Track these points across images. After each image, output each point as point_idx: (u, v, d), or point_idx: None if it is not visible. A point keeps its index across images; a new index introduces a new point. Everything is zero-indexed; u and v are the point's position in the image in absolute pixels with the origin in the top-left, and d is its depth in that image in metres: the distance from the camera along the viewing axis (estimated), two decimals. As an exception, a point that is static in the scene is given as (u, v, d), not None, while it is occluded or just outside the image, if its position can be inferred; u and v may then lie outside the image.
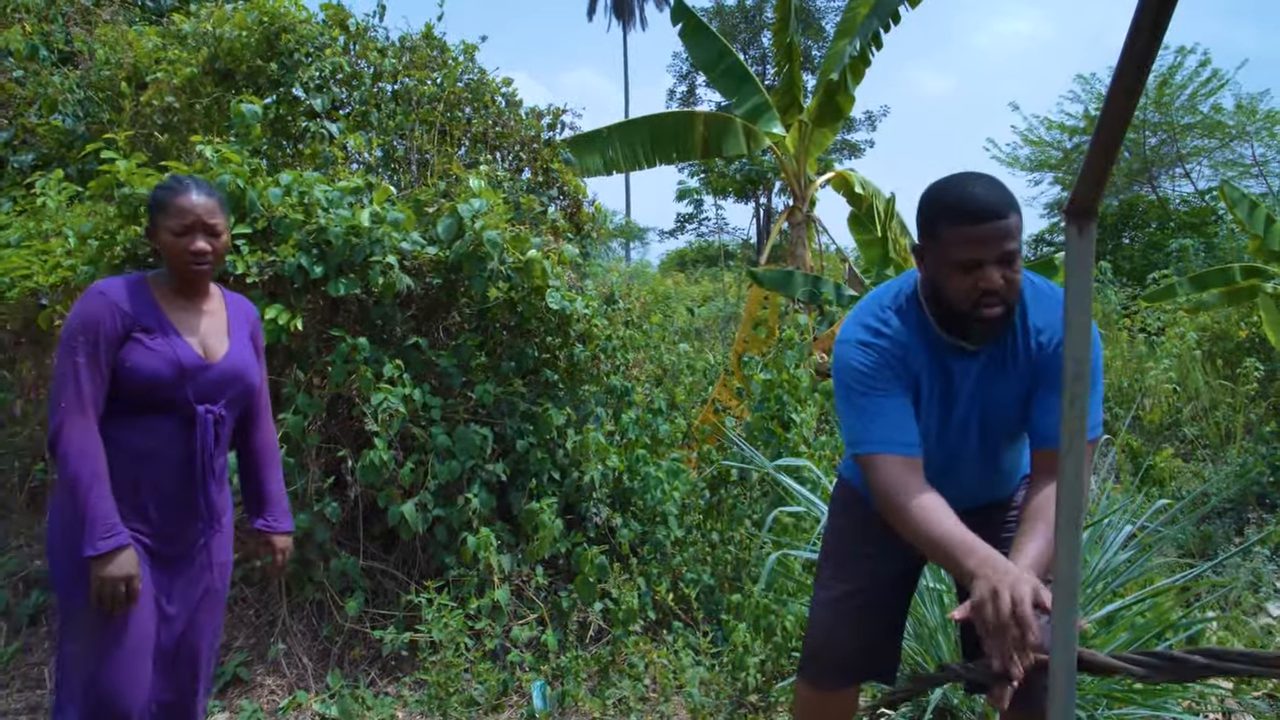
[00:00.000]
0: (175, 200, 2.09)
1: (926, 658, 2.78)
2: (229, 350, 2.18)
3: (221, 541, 2.25)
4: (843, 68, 6.62)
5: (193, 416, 2.08)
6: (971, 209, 1.70)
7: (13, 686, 3.45)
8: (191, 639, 2.18)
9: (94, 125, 4.97)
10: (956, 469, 2.00)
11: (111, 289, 2.05)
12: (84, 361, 1.97)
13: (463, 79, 4.66)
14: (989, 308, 1.72)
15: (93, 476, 1.93)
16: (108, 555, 1.93)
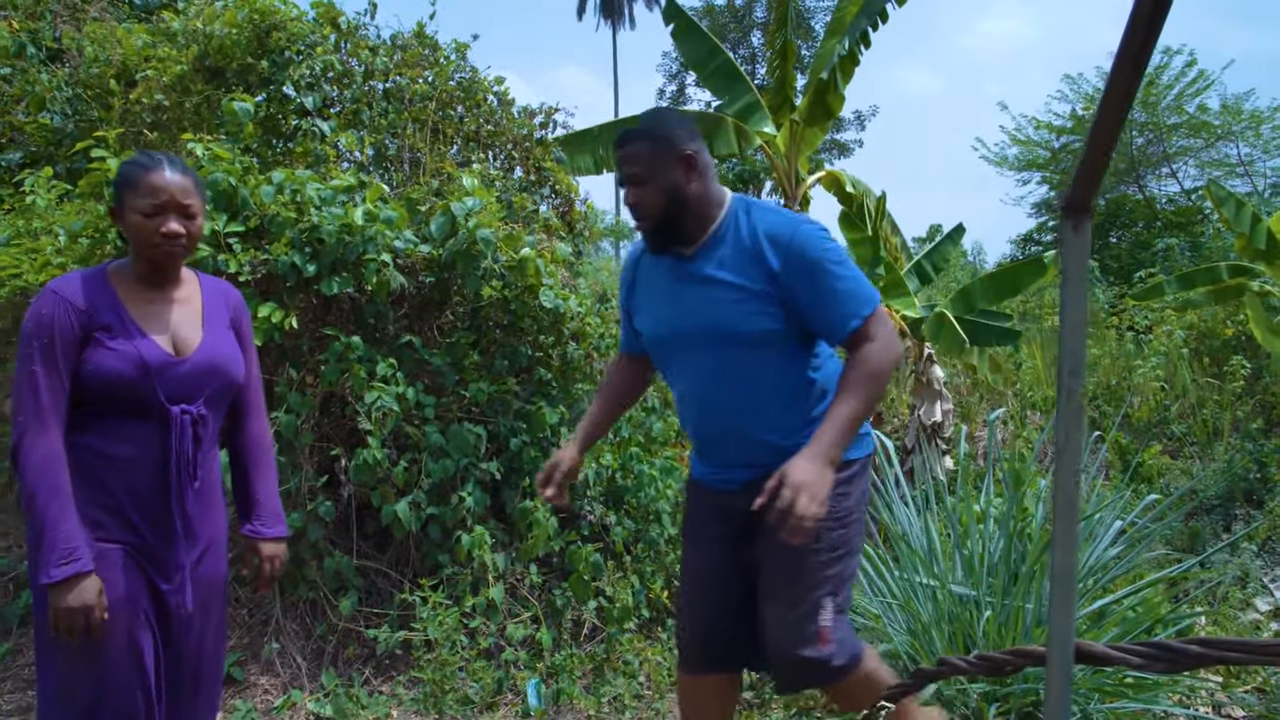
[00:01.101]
0: (147, 177, 1.90)
1: (922, 653, 2.80)
2: (203, 342, 1.99)
3: (215, 550, 2.07)
4: (832, 67, 6.64)
5: (168, 418, 1.91)
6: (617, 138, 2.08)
7: (3, 688, 3.43)
8: (189, 656, 2.01)
9: (82, 123, 4.94)
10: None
11: (65, 286, 1.89)
12: (40, 369, 1.82)
13: (454, 78, 4.65)
14: (637, 220, 2.09)
15: (50, 492, 1.77)
16: (64, 584, 1.75)
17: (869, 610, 3.10)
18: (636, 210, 2.07)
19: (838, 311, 1.96)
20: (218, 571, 2.08)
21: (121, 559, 1.88)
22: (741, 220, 2.07)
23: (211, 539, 2.06)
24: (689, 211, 2.06)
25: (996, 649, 2.77)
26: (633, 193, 2.05)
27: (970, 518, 3.12)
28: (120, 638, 1.87)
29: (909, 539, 3.06)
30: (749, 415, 2.06)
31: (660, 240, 2.10)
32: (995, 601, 2.83)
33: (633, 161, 2.03)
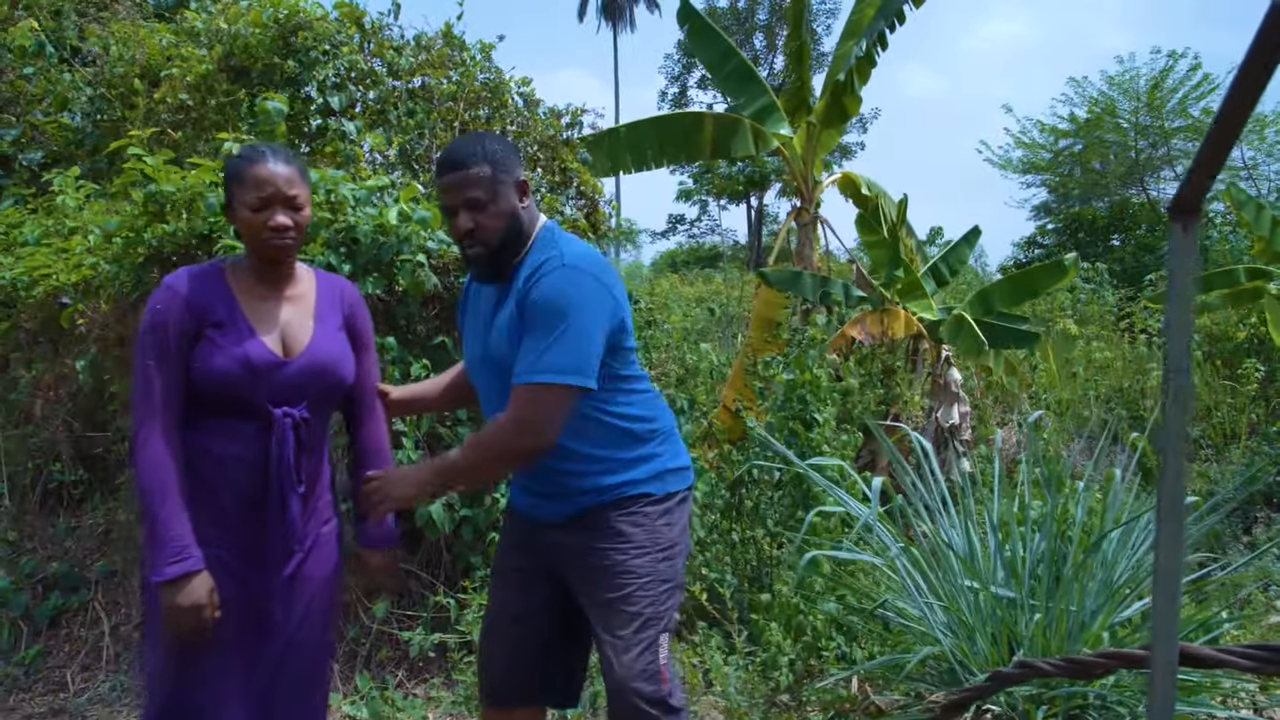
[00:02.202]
0: (252, 170, 1.86)
1: (968, 656, 2.78)
2: (311, 342, 1.93)
3: (320, 555, 2.00)
4: (849, 68, 6.64)
5: (271, 420, 1.87)
6: (439, 162, 1.98)
7: (35, 690, 3.42)
8: (290, 659, 1.94)
9: (104, 123, 4.93)
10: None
11: (180, 281, 1.87)
12: (154, 364, 1.81)
13: (479, 78, 4.64)
14: (470, 248, 1.96)
15: (163, 490, 1.76)
16: (176, 582, 1.73)
17: (906, 612, 3.08)
18: (474, 236, 1.93)
19: (519, 363, 1.85)
20: (323, 575, 2.01)
21: (222, 559, 1.85)
22: (536, 252, 1.98)
23: (316, 543, 2.00)
24: (521, 237, 1.98)
25: (1043, 652, 2.76)
26: (470, 218, 1.92)
27: (1011, 520, 3.10)
28: (220, 638, 1.84)
29: (950, 541, 3.05)
30: (555, 451, 1.93)
31: (493, 268, 1.97)
32: (1039, 604, 2.82)
33: (473, 185, 1.90)
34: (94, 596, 3.74)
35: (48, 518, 4.21)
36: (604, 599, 1.97)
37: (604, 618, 1.97)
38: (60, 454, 3.93)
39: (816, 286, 6.36)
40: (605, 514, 1.99)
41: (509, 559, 2.18)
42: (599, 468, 2.00)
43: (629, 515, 2.00)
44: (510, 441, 1.84)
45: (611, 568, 1.96)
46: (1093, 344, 8.73)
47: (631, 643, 1.92)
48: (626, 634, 1.93)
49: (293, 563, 1.94)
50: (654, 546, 2.01)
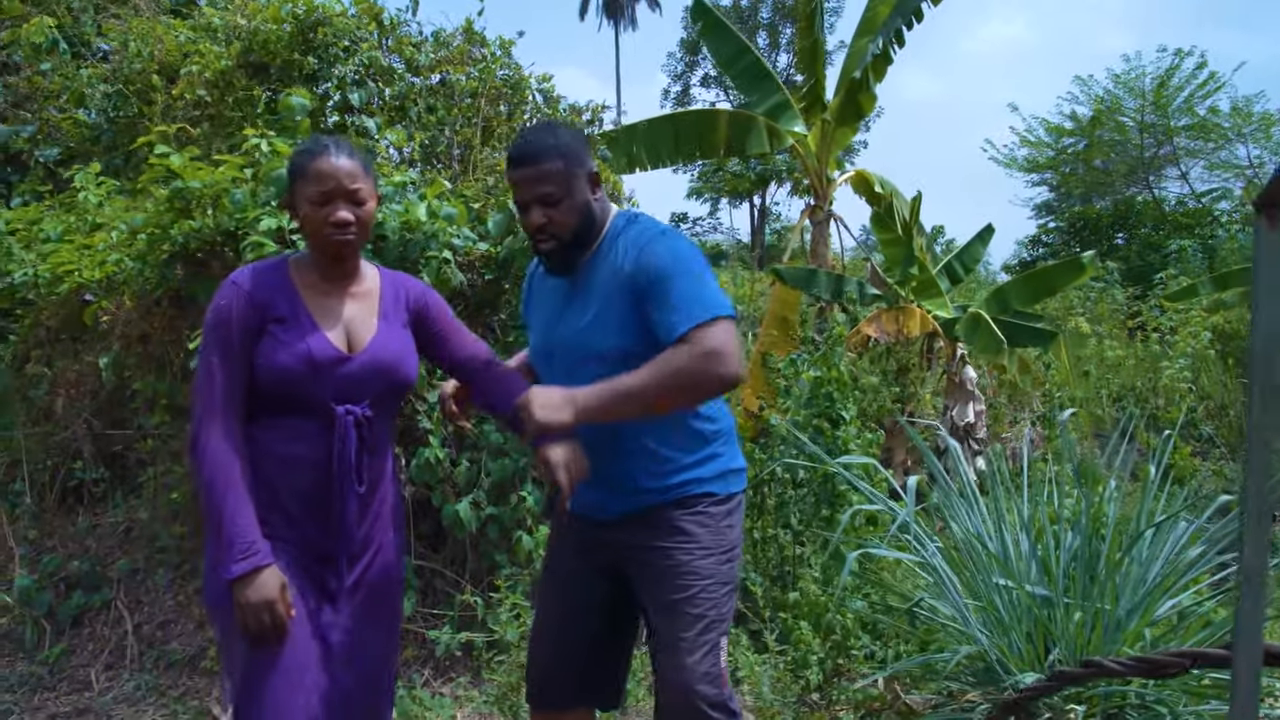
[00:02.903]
0: (313, 164, 1.82)
1: (1008, 656, 2.76)
2: (374, 339, 1.90)
3: (383, 553, 1.97)
4: (865, 66, 6.62)
5: (333, 418, 1.83)
6: (511, 155, 1.95)
7: (60, 689, 3.40)
8: (354, 661, 1.89)
9: (121, 119, 4.91)
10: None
11: (244, 277, 1.84)
12: (217, 360, 1.78)
13: (498, 74, 4.62)
14: (542, 243, 1.94)
15: (226, 485, 1.72)
16: (245, 578, 1.70)
17: (939, 610, 3.06)
18: (546, 230, 1.92)
19: (670, 317, 1.81)
20: (386, 577, 1.97)
21: (285, 558, 1.81)
22: (620, 237, 1.97)
23: (380, 544, 1.96)
24: (594, 230, 1.97)
25: (1079, 651, 2.74)
26: (543, 213, 1.90)
27: (1044, 517, 3.09)
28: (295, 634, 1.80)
29: (983, 539, 3.03)
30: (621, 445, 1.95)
31: (565, 261, 1.97)
32: (1074, 603, 2.80)
33: (546, 180, 1.89)
34: (116, 595, 3.72)
35: (67, 516, 4.19)
36: (668, 600, 1.92)
37: (667, 619, 1.92)
38: (81, 452, 3.90)
39: (832, 284, 6.34)
40: (668, 512, 1.96)
41: (563, 561, 2.15)
42: (668, 466, 1.97)
43: (694, 515, 1.97)
44: (708, 368, 1.75)
45: (676, 568, 1.93)
46: (1105, 343, 8.72)
47: (695, 645, 1.88)
48: (690, 636, 1.89)
49: (356, 568, 1.90)
50: (717, 548, 1.98)
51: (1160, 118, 17.02)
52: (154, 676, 3.41)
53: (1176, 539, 3.12)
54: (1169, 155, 18.05)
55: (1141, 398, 8.13)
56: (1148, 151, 17.90)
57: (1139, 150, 17.87)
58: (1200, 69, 16.36)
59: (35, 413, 4.08)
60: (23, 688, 3.37)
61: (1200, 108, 16.73)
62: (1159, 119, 17.07)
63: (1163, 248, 15.48)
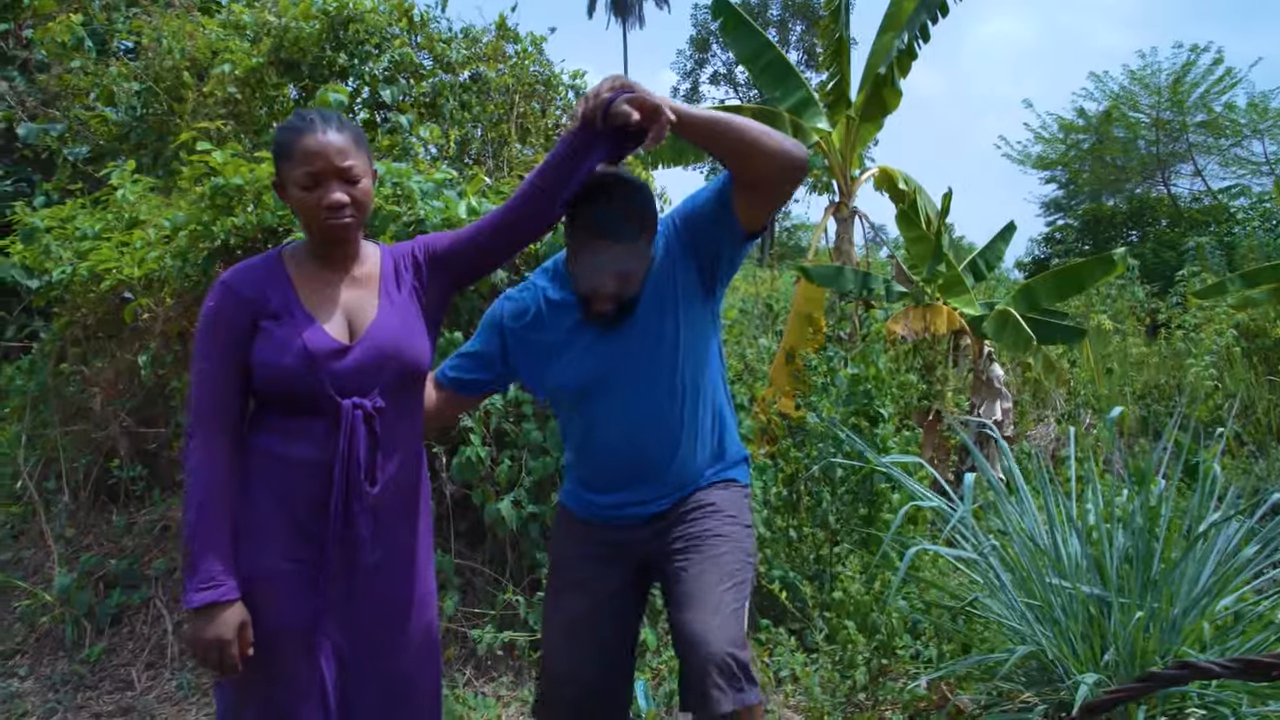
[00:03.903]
0: (299, 142, 1.65)
1: (1068, 657, 2.73)
2: (374, 323, 1.74)
3: (407, 563, 1.82)
4: (890, 62, 6.57)
5: (337, 416, 1.68)
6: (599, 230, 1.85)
7: (102, 688, 3.39)
8: (381, 679, 1.77)
9: (151, 117, 4.90)
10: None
11: (234, 275, 1.72)
12: (207, 366, 1.67)
13: (530, 69, 4.60)
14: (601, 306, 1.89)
15: (201, 505, 1.62)
16: (202, 611, 1.58)
17: (991, 610, 3.03)
18: (618, 298, 1.86)
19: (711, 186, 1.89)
20: (410, 586, 1.82)
21: (297, 579, 1.69)
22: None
23: (401, 550, 1.81)
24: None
25: (1139, 651, 2.71)
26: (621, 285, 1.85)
27: (1097, 516, 3.05)
28: (292, 666, 1.69)
29: (1035, 538, 3.00)
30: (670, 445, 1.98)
31: (623, 314, 1.90)
32: (1130, 603, 2.77)
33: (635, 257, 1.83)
34: (154, 594, 3.71)
35: (101, 514, 4.18)
36: (699, 562, 1.91)
37: (697, 580, 1.89)
38: (118, 450, 3.89)
39: (858, 282, 6.30)
40: (700, 491, 2.02)
41: (577, 569, 2.08)
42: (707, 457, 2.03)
43: (722, 489, 2.04)
44: (793, 142, 1.78)
45: (707, 533, 1.95)
46: (1128, 339, 8.66)
47: (724, 604, 1.85)
48: (718, 594, 1.86)
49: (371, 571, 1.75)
50: (741, 520, 2.03)
51: (1176, 113, 16.92)
52: (195, 676, 3.39)
53: (1228, 538, 3.09)
54: (1183, 151, 17.96)
55: (1165, 395, 8.08)
56: (1162, 147, 17.79)
57: (1155, 146, 17.76)
58: (1216, 64, 16.27)
59: (71, 411, 4.07)
60: (65, 686, 3.36)
61: (1216, 104, 16.63)
62: (1175, 115, 16.97)
63: (1179, 244, 15.38)
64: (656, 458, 1.99)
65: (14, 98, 5.48)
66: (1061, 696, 2.80)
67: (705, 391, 2.01)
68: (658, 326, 1.92)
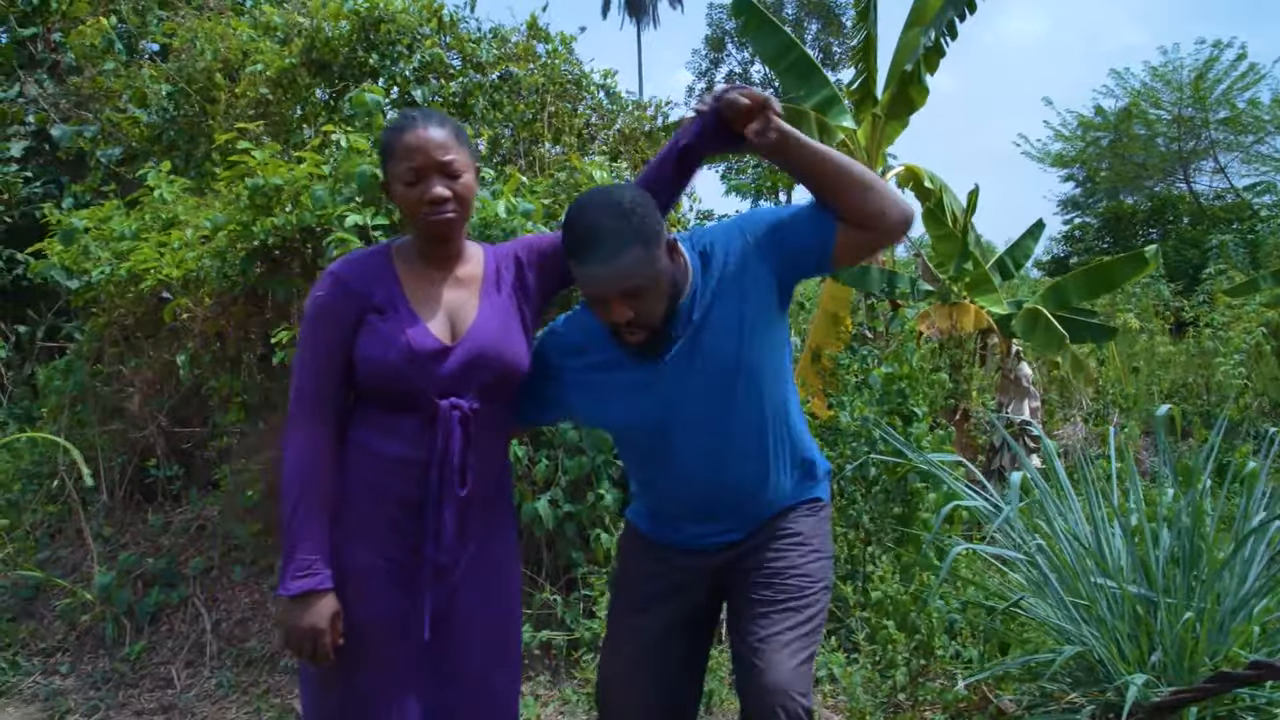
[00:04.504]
0: (401, 140, 1.67)
1: (1116, 658, 2.70)
2: (474, 324, 1.72)
3: (495, 569, 1.81)
4: (917, 59, 6.54)
5: (434, 414, 1.68)
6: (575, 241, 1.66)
7: (143, 686, 3.41)
8: (466, 684, 1.76)
9: (183, 118, 4.93)
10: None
11: (342, 267, 1.73)
12: (311, 356, 1.68)
13: (560, 70, 4.60)
14: (630, 336, 1.73)
15: (299, 495, 1.63)
16: (298, 599, 1.60)
17: (1033, 609, 3.01)
18: (634, 324, 1.70)
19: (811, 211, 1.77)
20: (494, 588, 1.81)
21: (390, 576, 1.70)
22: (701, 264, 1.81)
23: (488, 551, 1.80)
24: (678, 296, 1.76)
25: (1186, 651, 2.68)
26: (627, 307, 1.66)
27: (1141, 516, 3.02)
28: (380, 659, 1.69)
29: (1080, 537, 2.97)
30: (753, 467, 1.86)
31: (653, 346, 1.75)
32: (1178, 603, 2.74)
33: (627, 277, 1.63)
34: (193, 593, 3.73)
35: (137, 513, 4.21)
36: (777, 600, 1.82)
37: (771, 619, 1.81)
38: (155, 449, 3.92)
39: (885, 280, 6.27)
40: (784, 516, 1.90)
41: (646, 591, 1.97)
42: (793, 476, 1.91)
43: (806, 517, 1.92)
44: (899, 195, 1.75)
45: (789, 569, 1.85)
46: (1156, 338, 8.60)
47: (796, 647, 1.79)
48: (793, 639, 1.79)
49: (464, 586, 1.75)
50: (824, 552, 1.93)
51: (1198, 110, 16.76)
52: (234, 674, 3.41)
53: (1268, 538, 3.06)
54: (1204, 148, 17.78)
55: (1193, 394, 8.01)
56: (1185, 144, 17.62)
57: (1176, 143, 17.59)
58: (1240, 60, 16.11)
59: (108, 410, 4.10)
60: (107, 684, 3.38)
61: (1239, 100, 16.46)
62: (1197, 111, 16.80)
63: (1202, 242, 15.24)
64: (736, 493, 1.87)
65: (47, 100, 5.53)
66: (1108, 698, 2.78)
67: (783, 411, 1.89)
68: (731, 350, 1.77)
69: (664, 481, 1.91)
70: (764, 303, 1.80)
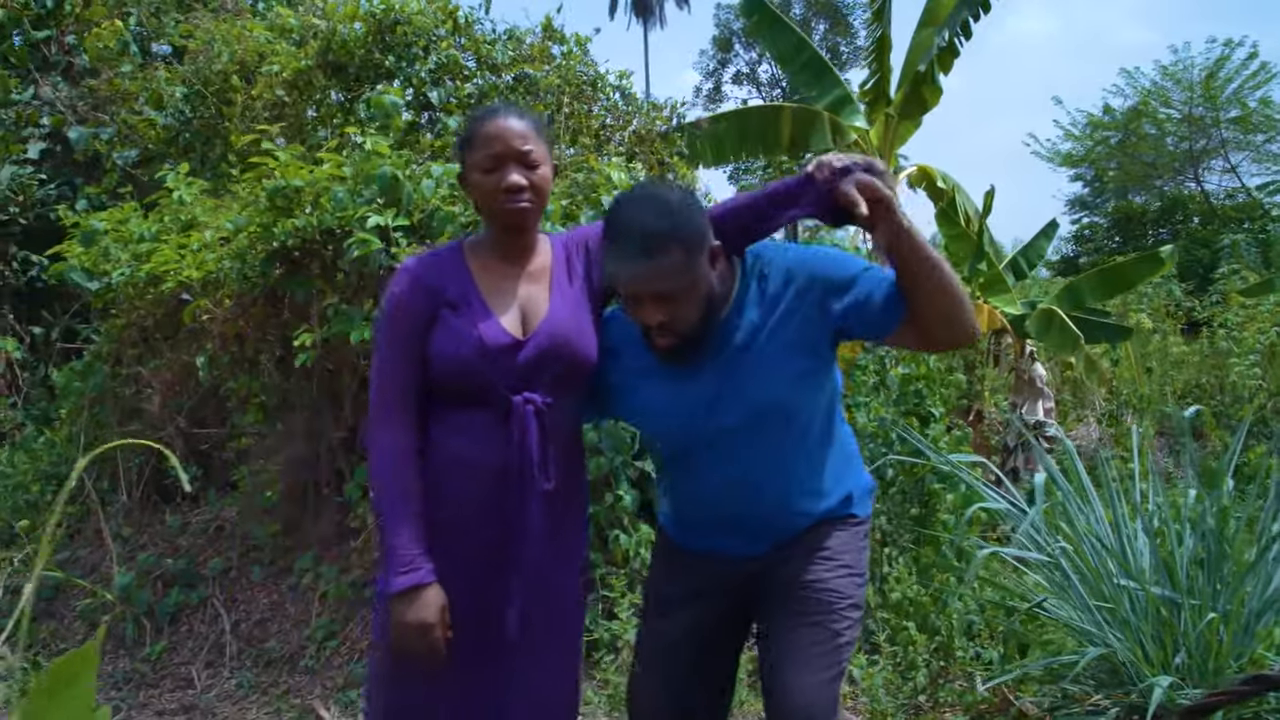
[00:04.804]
0: (482, 129, 1.67)
1: (1140, 660, 2.69)
2: (545, 317, 1.70)
3: (568, 569, 1.79)
4: (930, 59, 6.53)
5: (508, 410, 1.66)
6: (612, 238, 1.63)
7: (164, 686, 3.42)
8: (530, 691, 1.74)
9: (199, 120, 4.94)
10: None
11: (417, 263, 1.72)
12: (389, 353, 1.67)
13: (576, 71, 4.60)
14: (659, 339, 1.67)
15: (391, 492, 1.63)
16: (405, 594, 1.59)
17: (1060, 611, 3.00)
18: (665, 329, 1.64)
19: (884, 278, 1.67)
20: (568, 583, 1.79)
21: (466, 577, 1.68)
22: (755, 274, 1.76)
23: (565, 554, 1.78)
24: (717, 308, 1.69)
25: (1213, 654, 2.67)
26: (662, 310, 1.61)
27: (1166, 518, 3.01)
28: (462, 650, 1.67)
29: (1102, 539, 2.96)
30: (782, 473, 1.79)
31: (687, 354, 1.69)
32: (1202, 604, 2.73)
33: (663, 278, 1.58)
34: (212, 593, 3.74)
35: (154, 513, 4.22)
36: (806, 617, 1.76)
37: (799, 636, 1.75)
38: (174, 450, 3.93)
39: (898, 280, 6.26)
40: (817, 531, 1.83)
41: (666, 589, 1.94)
42: (825, 486, 1.84)
43: (840, 533, 1.85)
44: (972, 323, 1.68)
45: (818, 584, 1.78)
46: (1169, 339, 8.57)
47: (823, 666, 1.73)
48: (823, 655, 1.73)
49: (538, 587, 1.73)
50: (856, 569, 1.85)
51: (1209, 109, 16.70)
52: (254, 674, 3.42)
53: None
54: (1214, 148, 17.71)
55: (1207, 395, 7.97)
56: (1195, 143, 17.55)
57: (1186, 141, 17.53)
58: (1251, 59, 16.05)
59: (125, 411, 4.12)
60: (128, 685, 3.40)
61: (1251, 99, 16.40)
62: (1208, 111, 16.74)
63: (1212, 242, 15.18)
64: (758, 512, 1.81)
65: (63, 103, 5.55)
66: (1132, 699, 2.77)
67: (823, 438, 1.83)
68: (771, 386, 1.72)
69: (686, 489, 1.88)
70: (814, 348, 1.74)
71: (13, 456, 4.75)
